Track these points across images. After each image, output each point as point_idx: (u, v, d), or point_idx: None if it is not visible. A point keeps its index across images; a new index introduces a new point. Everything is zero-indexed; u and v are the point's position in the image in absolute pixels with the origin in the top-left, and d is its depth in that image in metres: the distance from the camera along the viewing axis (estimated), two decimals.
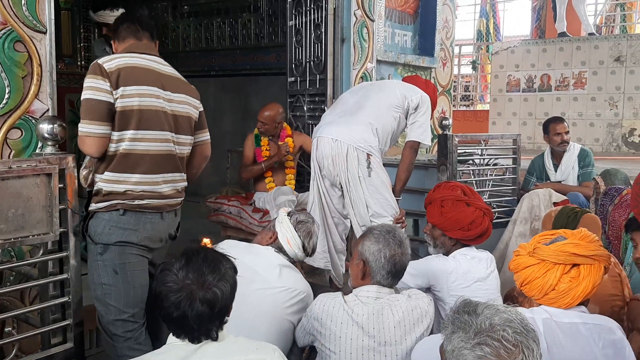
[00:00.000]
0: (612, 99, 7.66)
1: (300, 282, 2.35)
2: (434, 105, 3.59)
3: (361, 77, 4.73)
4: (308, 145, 4.13)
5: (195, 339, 1.52)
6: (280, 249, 2.40)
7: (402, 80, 3.80)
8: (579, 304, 1.83)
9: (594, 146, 7.35)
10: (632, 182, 3.73)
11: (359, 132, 3.26)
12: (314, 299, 2.22)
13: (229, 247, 2.33)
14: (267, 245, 2.42)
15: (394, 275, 2.16)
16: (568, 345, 1.78)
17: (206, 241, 2.95)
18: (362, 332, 2.06)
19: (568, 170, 4.42)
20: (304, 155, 4.44)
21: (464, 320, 1.29)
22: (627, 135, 7.57)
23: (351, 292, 2.19)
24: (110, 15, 4.10)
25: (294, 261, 2.43)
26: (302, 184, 4.50)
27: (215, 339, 1.54)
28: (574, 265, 1.81)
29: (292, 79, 4.84)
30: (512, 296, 2.79)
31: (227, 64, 6.93)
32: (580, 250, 1.81)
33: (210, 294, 1.49)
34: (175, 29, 7.40)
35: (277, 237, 2.42)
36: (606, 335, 1.81)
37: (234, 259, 1.65)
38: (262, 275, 2.26)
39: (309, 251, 2.44)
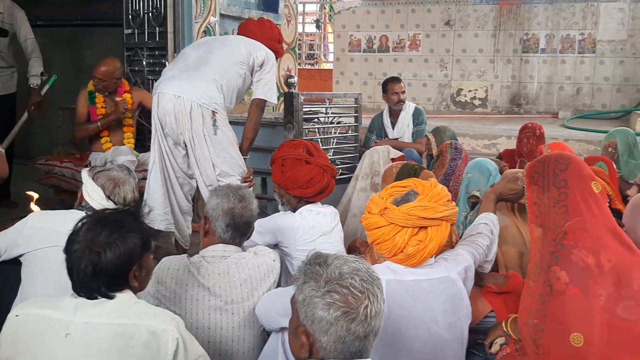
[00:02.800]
0: (442, 61, 8.23)
1: None
2: (278, 37, 3.61)
3: (204, 32, 4.56)
4: (148, 101, 3.93)
5: (84, 296, 1.56)
6: (90, 209, 2.11)
7: (239, 27, 3.74)
8: None
9: (426, 105, 7.87)
10: (458, 137, 4.07)
11: (203, 89, 3.15)
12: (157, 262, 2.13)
13: (44, 218, 2.16)
14: (76, 208, 2.20)
15: (234, 229, 2.13)
16: (409, 304, 1.87)
17: (30, 194, 2.67)
18: (208, 293, 2.03)
19: (404, 128, 4.68)
20: (144, 113, 4.22)
21: (315, 270, 1.34)
22: (455, 95, 8.22)
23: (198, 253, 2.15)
24: None
25: None
26: (142, 143, 4.29)
27: (111, 298, 1.57)
28: (422, 227, 1.87)
29: (129, 31, 4.55)
30: (354, 247, 2.94)
31: (57, 13, 6.30)
32: (428, 214, 1.86)
33: (94, 256, 1.53)
34: None
35: (82, 197, 2.19)
36: (447, 290, 1.93)
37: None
38: None
39: (120, 200, 2.17)
